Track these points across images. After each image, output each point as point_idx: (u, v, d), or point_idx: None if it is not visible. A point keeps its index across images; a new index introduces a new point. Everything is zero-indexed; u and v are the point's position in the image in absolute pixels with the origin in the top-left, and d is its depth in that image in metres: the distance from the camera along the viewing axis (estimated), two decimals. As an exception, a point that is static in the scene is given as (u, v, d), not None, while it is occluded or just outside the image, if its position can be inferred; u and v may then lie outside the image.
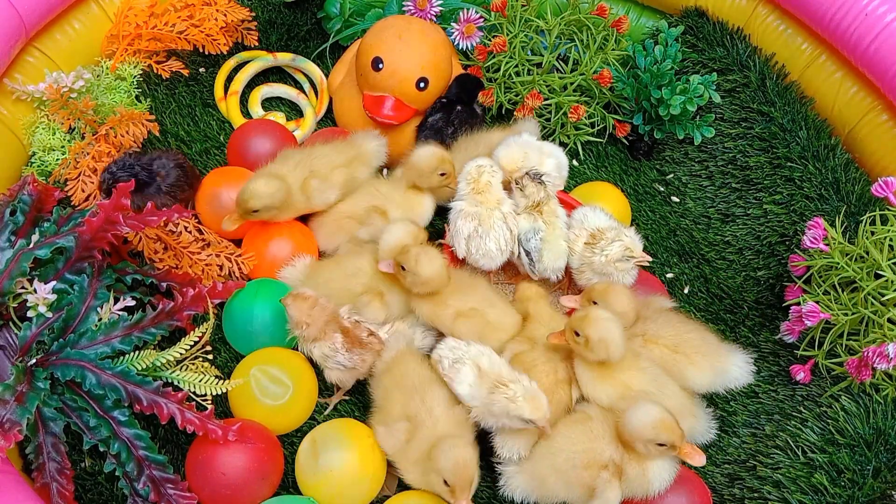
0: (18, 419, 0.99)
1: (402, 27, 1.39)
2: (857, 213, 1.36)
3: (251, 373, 1.14)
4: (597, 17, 1.52)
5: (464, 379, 1.09)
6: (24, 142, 1.39)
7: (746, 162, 1.48)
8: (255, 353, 1.19)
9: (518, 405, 1.03)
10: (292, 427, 1.18)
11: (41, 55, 1.41)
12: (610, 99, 1.55)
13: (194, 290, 1.15)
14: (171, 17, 1.48)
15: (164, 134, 1.47)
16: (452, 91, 1.45)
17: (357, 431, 1.12)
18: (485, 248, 1.23)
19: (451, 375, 1.10)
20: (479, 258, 1.24)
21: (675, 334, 1.17)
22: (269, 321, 1.21)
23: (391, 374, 1.15)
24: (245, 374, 1.15)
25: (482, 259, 1.24)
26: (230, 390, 1.12)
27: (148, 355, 1.09)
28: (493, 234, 1.23)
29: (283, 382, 1.15)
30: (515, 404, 1.04)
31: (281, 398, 1.14)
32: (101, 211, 1.11)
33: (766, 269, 1.40)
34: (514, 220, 1.25)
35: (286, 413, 1.16)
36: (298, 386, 1.16)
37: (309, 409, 1.20)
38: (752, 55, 1.54)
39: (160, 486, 1.04)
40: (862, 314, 1.16)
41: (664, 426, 1.01)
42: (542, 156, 1.33)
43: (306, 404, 1.19)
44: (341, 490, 1.08)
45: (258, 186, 1.23)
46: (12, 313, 1.11)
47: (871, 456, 1.13)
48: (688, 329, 1.18)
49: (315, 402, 1.21)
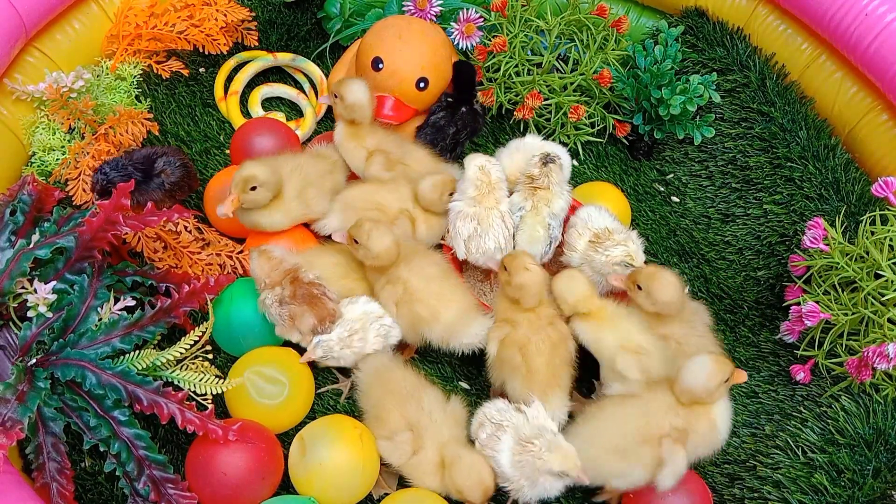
0: (20, 418, 0.99)
1: (402, 27, 1.39)
2: (857, 213, 1.36)
3: (245, 376, 1.14)
4: (597, 17, 1.52)
5: (504, 447, 1.07)
6: (24, 142, 1.39)
7: (746, 162, 1.48)
8: (249, 353, 1.19)
9: (545, 460, 1.03)
10: (292, 424, 1.18)
11: (41, 55, 1.41)
12: (610, 99, 1.55)
13: (189, 286, 1.15)
14: (171, 17, 1.48)
15: (164, 134, 1.47)
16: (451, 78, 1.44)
17: (343, 424, 1.12)
18: (484, 246, 1.23)
19: (491, 444, 1.08)
20: (478, 257, 1.25)
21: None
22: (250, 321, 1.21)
23: (381, 384, 1.15)
24: (239, 376, 1.14)
25: (482, 258, 1.24)
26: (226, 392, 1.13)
27: (148, 355, 1.09)
28: (492, 233, 1.23)
29: (279, 381, 1.15)
30: (542, 460, 1.03)
31: (278, 397, 1.14)
32: (101, 211, 1.11)
33: (766, 269, 1.40)
34: (511, 219, 1.25)
35: (284, 411, 1.16)
36: (294, 383, 1.16)
37: (307, 404, 1.19)
38: (752, 55, 1.54)
39: (160, 485, 1.04)
40: (862, 314, 1.16)
41: (722, 363, 1.04)
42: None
43: (304, 400, 1.18)
44: (334, 482, 1.08)
45: (254, 165, 1.24)
46: (12, 313, 1.11)
47: (871, 456, 1.13)
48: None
49: (313, 397, 1.20)
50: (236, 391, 1.14)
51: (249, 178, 1.22)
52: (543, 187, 1.24)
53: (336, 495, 1.09)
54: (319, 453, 1.08)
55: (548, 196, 1.25)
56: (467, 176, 1.25)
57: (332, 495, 1.09)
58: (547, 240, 1.25)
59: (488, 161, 1.26)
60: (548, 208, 1.25)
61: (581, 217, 1.27)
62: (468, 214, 1.24)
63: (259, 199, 1.24)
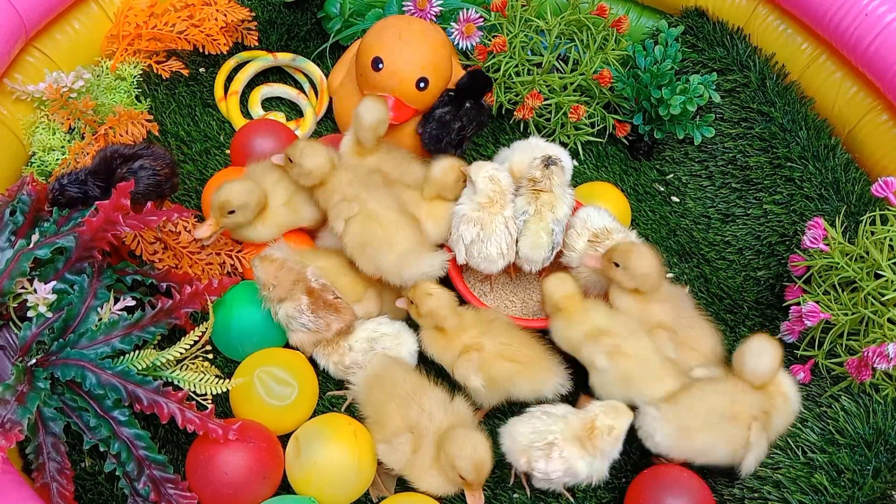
0: (19, 419, 0.98)
1: (402, 27, 1.39)
2: (857, 213, 1.36)
3: (256, 374, 1.14)
4: (597, 17, 1.52)
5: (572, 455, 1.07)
6: (24, 142, 1.39)
7: (746, 162, 1.48)
8: (258, 353, 1.19)
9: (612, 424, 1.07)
10: (295, 427, 1.18)
11: (41, 55, 1.41)
12: (610, 99, 1.55)
13: (191, 287, 1.15)
14: (171, 17, 1.48)
15: (164, 134, 1.47)
16: (462, 82, 1.42)
17: (337, 422, 1.12)
18: (486, 251, 1.23)
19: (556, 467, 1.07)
20: (479, 262, 1.24)
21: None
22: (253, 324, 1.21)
23: (381, 387, 1.14)
24: (247, 375, 1.14)
25: (483, 263, 1.24)
26: (231, 392, 1.12)
27: (148, 355, 1.09)
28: (495, 239, 1.23)
29: (289, 383, 1.15)
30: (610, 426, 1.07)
31: (287, 399, 1.14)
32: (101, 211, 1.11)
33: (766, 269, 1.40)
34: (514, 225, 1.25)
35: (291, 413, 1.15)
36: (303, 386, 1.16)
37: (311, 409, 1.19)
38: (752, 55, 1.54)
39: (160, 485, 1.04)
40: (862, 314, 1.16)
41: (772, 341, 1.11)
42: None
43: (309, 405, 1.18)
44: (329, 480, 1.08)
45: (231, 187, 1.22)
46: (12, 313, 1.11)
47: (871, 456, 1.13)
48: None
49: (316, 401, 1.21)
50: (244, 390, 1.14)
51: (225, 203, 1.22)
52: (546, 190, 1.24)
53: (332, 493, 1.09)
54: (314, 452, 1.08)
55: (552, 201, 1.24)
56: (478, 187, 1.25)
57: (329, 493, 1.08)
58: (550, 245, 1.24)
59: (496, 169, 1.26)
60: (552, 214, 1.24)
61: (580, 217, 1.27)
62: (472, 219, 1.24)
63: (239, 220, 1.25)
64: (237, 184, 1.24)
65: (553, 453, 1.06)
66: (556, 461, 1.06)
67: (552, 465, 1.06)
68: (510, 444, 1.09)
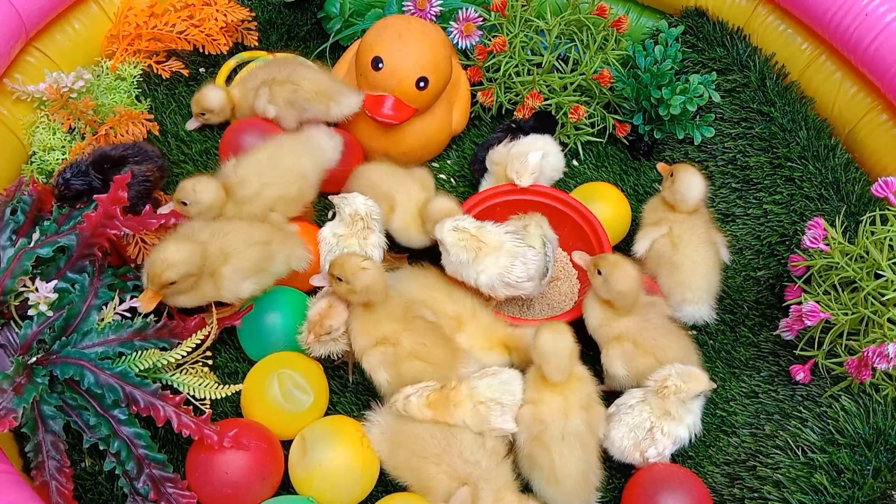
0: (14, 407, 0.98)
1: (401, 27, 1.39)
2: (857, 213, 1.36)
3: (276, 374, 1.13)
4: (597, 17, 1.52)
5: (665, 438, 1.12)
6: (25, 142, 1.39)
7: (746, 162, 1.48)
8: (280, 354, 1.18)
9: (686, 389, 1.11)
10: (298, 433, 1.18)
11: (41, 55, 1.41)
12: (610, 99, 1.56)
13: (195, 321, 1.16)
14: (171, 17, 1.48)
15: (164, 134, 1.47)
16: (529, 123, 1.46)
17: (345, 426, 1.12)
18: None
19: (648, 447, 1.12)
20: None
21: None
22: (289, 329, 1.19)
23: (401, 445, 1.09)
24: (265, 376, 1.14)
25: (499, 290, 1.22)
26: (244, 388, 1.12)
27: (150, 355, 1.10)
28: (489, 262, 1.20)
29: (307, 391, 1.14)
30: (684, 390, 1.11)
31: (303, 406, 1.13)
32: (100, 204, 1.11)
33: (766, 269, 1.40)
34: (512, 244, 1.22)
35: (302, 420, 1.14)
36: (317, 398, 1.15)
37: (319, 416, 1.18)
38: (752, 55, 1.54)
39: (160, 484, 1.04)
40: (862, 314, 1.16)
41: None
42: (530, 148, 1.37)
43: (320, 413, 1.18)
44: (332, 483, 1.08)
45: (169, 253, 1.07)
46: (13, 312, 1.11)
47: (871, 456, 1.13)
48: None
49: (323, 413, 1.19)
50: (258, 387, 1.13)
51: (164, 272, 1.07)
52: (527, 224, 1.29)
53: (333, 496, 1.08)
54: (320, 454, 1.08)
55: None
56: (446, 243, 1.20)
57: (329, 496, 1.08)
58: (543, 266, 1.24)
59: (457, 219, 1.21)
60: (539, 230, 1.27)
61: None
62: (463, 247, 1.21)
63: (182, 290, 1.13)
64: (172, 249, 1.08)
65: (657, 435, 1.11)
66: (661, 441, 1.11)
67: (660, 444, 1.12)
68: (618, 449, 1.13)
